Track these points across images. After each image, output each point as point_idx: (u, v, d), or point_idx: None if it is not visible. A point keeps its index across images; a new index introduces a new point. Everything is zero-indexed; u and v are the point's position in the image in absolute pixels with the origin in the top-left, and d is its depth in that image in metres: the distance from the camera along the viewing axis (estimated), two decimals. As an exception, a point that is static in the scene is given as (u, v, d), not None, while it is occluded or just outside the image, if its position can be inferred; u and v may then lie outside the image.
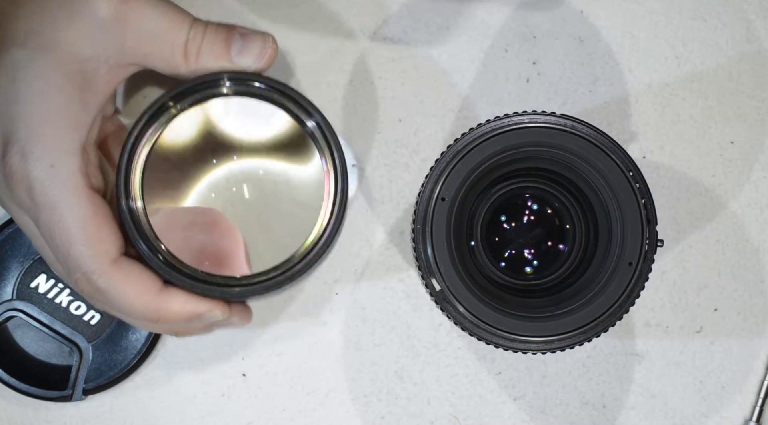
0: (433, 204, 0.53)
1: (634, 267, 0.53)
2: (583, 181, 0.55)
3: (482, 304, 0.53)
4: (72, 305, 0.61)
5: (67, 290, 0.61)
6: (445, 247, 0.53)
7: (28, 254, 0.61)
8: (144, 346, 0.61)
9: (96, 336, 0.61)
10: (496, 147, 0.53)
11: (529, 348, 0.53)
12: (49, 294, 0.61)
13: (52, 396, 0.60)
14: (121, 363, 0.61)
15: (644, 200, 0.53)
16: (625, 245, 0.53)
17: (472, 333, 0.54)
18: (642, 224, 0.53)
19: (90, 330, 0.61)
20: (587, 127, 0.53)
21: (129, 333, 0.61)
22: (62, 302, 0.61)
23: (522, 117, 0.54)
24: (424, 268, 0.53)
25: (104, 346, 0.61)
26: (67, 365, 0.61)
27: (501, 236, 0.60)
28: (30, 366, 0.61)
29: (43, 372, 0.61)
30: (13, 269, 0.61)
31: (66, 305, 0.61)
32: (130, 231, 0.50)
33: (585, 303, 0.53)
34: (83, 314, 0.61)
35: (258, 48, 0.52)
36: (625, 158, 0.53)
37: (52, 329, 0.60)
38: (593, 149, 0.53)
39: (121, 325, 0.61)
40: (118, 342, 0.61)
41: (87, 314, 0.61)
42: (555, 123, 0.54)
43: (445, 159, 0.54)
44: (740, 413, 0.63)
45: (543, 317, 0.53)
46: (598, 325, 0.53)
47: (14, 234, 0.61)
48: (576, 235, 0.59)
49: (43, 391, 0.60)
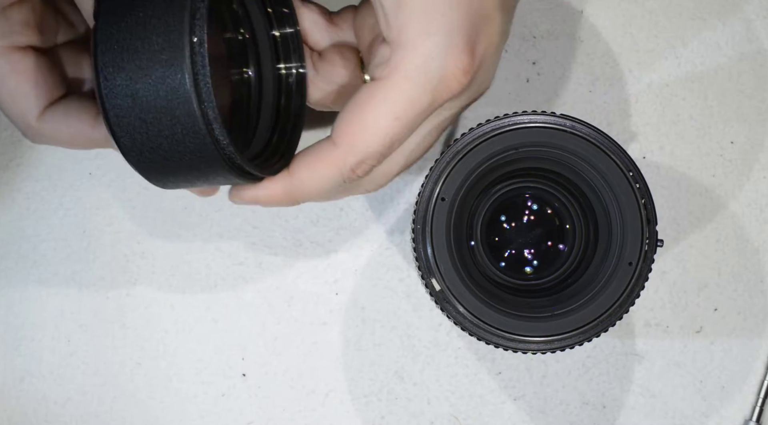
0: (433, 204, 0.53)
1: (634, 267, 0.53)
2: (583, 181, 0.55)
3: (482, 304, 0.53)
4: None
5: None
6: (445, 247, 0.53)
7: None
8: None
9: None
10: (496, 147, 0.53)
11: (529, 348, 0.53)
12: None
13: None
14: None
15: (644, 200, 0.53)
16: (625, 245, 0.53)
17: (471, 333, 0.54)
18: (642, 224, 0.53)
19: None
20: (587, 127, 0.53)
21: None
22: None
23: (522, 117, 0.54)
24: (424, 268, 0.53)
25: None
26: None
27: (501, 236, 0.60)
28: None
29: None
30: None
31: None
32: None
33: (585, 303, 0.53)
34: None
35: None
36: (625, 158, 0.53)
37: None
38: (593, 149, 0.53)
39: None
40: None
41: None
42: (555, 123, 0.54)
43: (444, 159, 0.54)
44: (740, 413, 0.63)
45: (543, 317, 0.53)
46: (598, 325, 0.53)
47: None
48: (576, 235, 0.59)
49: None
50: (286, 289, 0.63)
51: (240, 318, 0.63)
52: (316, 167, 0.48)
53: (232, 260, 0.63)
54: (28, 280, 0.63)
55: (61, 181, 0.63)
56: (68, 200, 0.63)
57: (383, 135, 0.46)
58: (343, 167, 0.47)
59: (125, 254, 0.63)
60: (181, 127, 0.44)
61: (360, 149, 0.46)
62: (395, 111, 0.46)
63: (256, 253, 0.63)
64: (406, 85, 0.45)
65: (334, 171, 0.47)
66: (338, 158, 0.47)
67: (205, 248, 0.63)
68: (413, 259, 0.55)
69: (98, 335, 0.63)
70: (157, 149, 0.45)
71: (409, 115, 0.46)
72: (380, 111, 0.46)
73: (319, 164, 0.48)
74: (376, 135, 0.46)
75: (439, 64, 0.45)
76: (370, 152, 0.46)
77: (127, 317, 0.63)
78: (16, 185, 0.63)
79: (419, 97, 0.46)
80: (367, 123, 0.46)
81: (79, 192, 0.63)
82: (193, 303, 0.63)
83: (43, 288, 0.63)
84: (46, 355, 0.63)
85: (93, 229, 0.63)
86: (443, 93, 0.46)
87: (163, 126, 0.44)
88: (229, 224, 0.63)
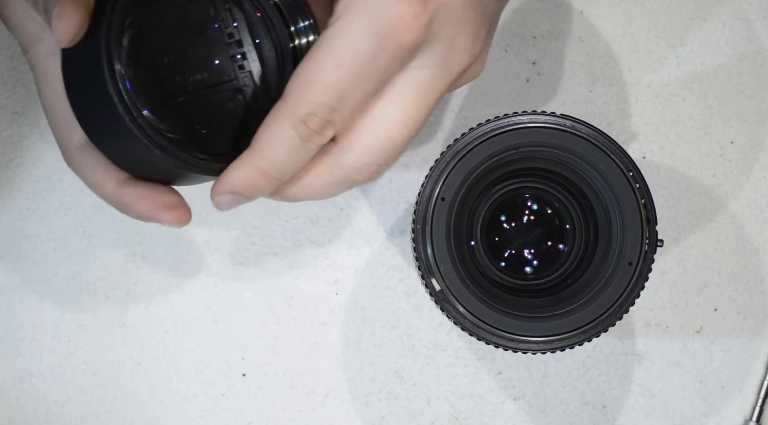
0: (433, 204, 0.53)
1: (634, 267, 0.53)
2: (583, 181, 0.55)
3: (482, 304, 0.53)
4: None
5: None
6: (445, 247, 0.53)
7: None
8: None
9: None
10: (495, 147, 0.53)
11: (529, 348, 0.53)
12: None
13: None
14: None
15: (644, 200, 0.53)
16: (625, 245, 0.53)
17: (471, 333, 0.54)
18: (642, 224, 0.53)
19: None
20: (587, 127, 0.53)
21: None
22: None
23: (522, 117, 0.54)
24: (424, 268, 0.53)
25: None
26: None
27: (501, 236, 0.60)
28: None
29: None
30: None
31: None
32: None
33: (585, 303, 0.53)
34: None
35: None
36: (624, 158, 0.53)
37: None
38: (593, 148, 0.53)
39: None
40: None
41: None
42: (555, 123, 0.54)
43: (444, 159, 0.54)
44: (740, 413, 0.63)
45: (543, 317, 0.53)
46: (598, 325, 0.53)
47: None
48: (576, 235, 0.59)
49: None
50: (286, 289, 0.63)
51: (240, 318, 0.63)
52: (270, 126, 0.46)
53: (232, 260, 0.63)
54: (28, 280, 0.63)
55: (61, 181, 0.63)
56: (68, 200, 0.63)
57: (327, 83, 0.44)
58: (294, 121, 0.45)
59: (125, 254, 0.63)
60: (101, 104, 0.44)
61: (307, 99, 0.45)
62: (337, 57, 0.44)
63: (256, 253, 0.63)
64: (348, 30, 0.44)
65: (286, 127, 0.45)
66: (286, 111, 0.45)
67: (205, 248, 0.63)
68: (413, 259, 0.55)
69: (98, 335, 0.63)
70: (95, 126, 0.46)
71: (353, 61, 0.44)
72: (323, 59, 0.44)
73: (272, 122, 0.45)
74: (319, 83, 0.44)
75: (383, 8, 0.43)
76: (317, 102, 0.44)
77: (127, 318, 0.63)
78: (16, 185, 0.63)
79: (362, 42, 0.44)
80: (309, 72, 0.45)
81: (79, 192, 0.63)
82: (193, 303, 0.63)
83: (43, 288, 0.63)
84: (46, 355, 0.63)
85: (93, 229, 0.63)
86: (391, 39, 0.44)
87: (90, 100, 0.45)
88: (229, 224, 0.63)
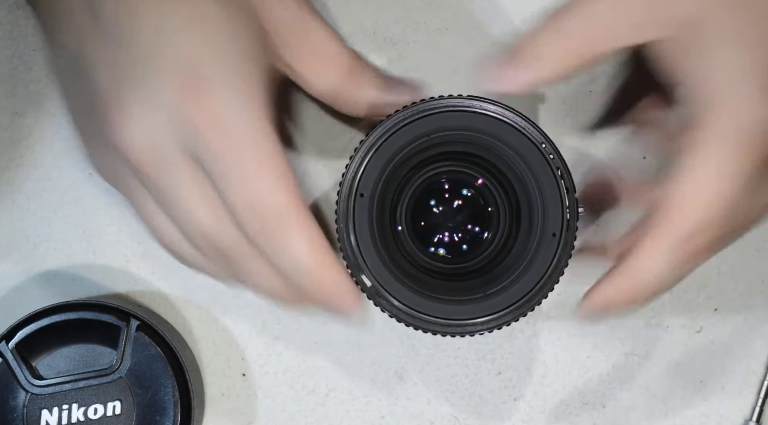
0: (353, 201, 0.53)
1: (558, 237, 0.53)
2: (499, 159, 0.55)
3: (414, 294, 0.53)
4: (89, 411, 0.58)
5: (74, 405, 0.58)
6: (371, 242, 0.53)
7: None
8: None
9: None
10: (407, 137, 0.53)
11: (467, 331, 0.54)
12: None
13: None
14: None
15: (560, 170, 0.53)
16: (547, 217, 0.53)
17: (408, 324, 0.54)
18: (561, 195, 0.53)
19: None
20: (495, 105, 0.54)
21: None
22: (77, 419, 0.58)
23: (429, 103, 0.54)
24: (352, 266, 0.53)
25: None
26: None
27: (426, 223, 0.59)
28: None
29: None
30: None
31: (83, 419, 0.58)
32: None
33: (515, 279, 0.53)
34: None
35: (408, 89, 0.54)
36: (537, 131, 0.53)
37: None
38: (503, 126, 0.53)
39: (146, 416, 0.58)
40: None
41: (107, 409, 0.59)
42: (461, 105, 0.54)
43: (359, 154, 0.54)
44: (740, 413, 0.63)
45: (477, 298, 0.54)
46: (531, 299, 0.53)
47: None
48: (499, 214, 0.58)
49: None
50: (286, 289, 0.63)
51: (240, 318, 0.63)
52: (646, 247, 0.45)
53: (232, 260, 0.63)
54: (28, 280, 0.63)
55: (61, 181, 0.63)
56: (68, 200, 0.63)
57: (716, 199, 0.43)
58: (679, 238, 0.44)
59: (125, 254, 0.63)
60: None
61: (693, 215, 0.43)
62: (723, 170, 0.42)
63: (256, 253, 0.63)
64: (725, 142, 0.42)
65: (669, 247, 0.44)
66: (669, 229, 0.44)
67: (205, 248, 0.63)
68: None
69: (98, 335, 0.63)
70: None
71: (740, 171, 0.42)
72: (705, 173, 0.42)
73: (650, 242, 0.45)
74: (707, 198, 0.43)
75: (753, 114, 0.42)
76: (706, 218, 0.43)
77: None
78: (16, 185, 0.63)
79: (742, 153, 0.42)
80: (689, 187, 0.43)
81: (79, 192, 0.63)
82: (193, 303, 0.63)
83: (43, 288, 0.63)
84: (46, 355, 0.63)
85: (93, 229, 0.63)
86: (763, 146, 0.42)
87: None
88: (229, 224, 0.63)
